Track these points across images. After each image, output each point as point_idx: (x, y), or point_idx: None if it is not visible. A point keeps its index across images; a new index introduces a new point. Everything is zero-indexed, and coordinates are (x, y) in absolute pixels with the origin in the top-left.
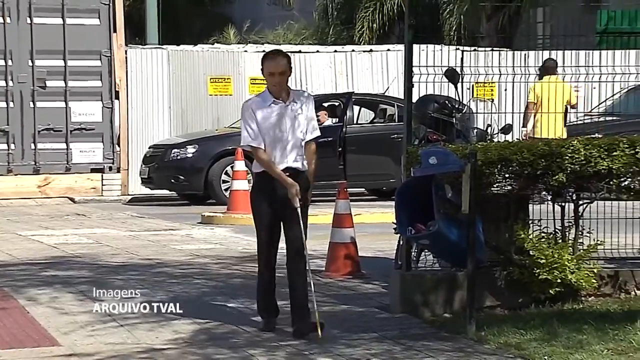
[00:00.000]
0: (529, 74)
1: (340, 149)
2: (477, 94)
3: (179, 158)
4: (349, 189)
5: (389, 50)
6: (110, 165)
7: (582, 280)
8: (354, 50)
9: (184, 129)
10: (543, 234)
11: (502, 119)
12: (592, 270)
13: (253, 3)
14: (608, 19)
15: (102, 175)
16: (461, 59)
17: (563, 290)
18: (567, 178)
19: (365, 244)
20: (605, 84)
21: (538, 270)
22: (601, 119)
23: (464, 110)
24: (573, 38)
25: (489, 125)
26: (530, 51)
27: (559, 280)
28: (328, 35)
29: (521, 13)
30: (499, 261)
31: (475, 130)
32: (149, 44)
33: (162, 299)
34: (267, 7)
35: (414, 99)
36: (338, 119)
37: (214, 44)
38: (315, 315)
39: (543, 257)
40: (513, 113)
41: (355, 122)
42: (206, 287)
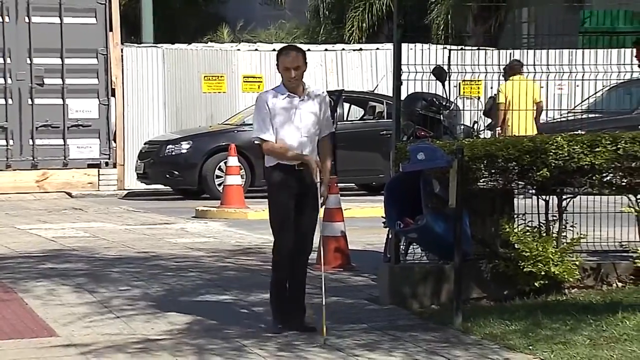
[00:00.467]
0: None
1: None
2: (464, 92)
3: (173, 154)
4: (339, 184)
5: (378, 49)
6: (107, 160)
7: (566, 273)
8: (344, 49)
9: (179, 125)
10: (528, 228)
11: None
12: (575, 263)
13: (246, 3)
14: (591, 18)
15: (99, 171)
16: (448, 57)
17: (547, 282)
18: (551, 173)
19: (355, 238)
20: (588, 82)
21: (523, 263)
22: (584, 116)
23: (451, 108)
24: (557, 37)
25: (476, 122)
26: (515, 50)
27: (543, 273)
28: (319, 34)
29: (506, 11)
30: (485, 254)
31: (462, 127)
32: (144, 43)
33: (157, 291)
34: (260, 7)
35: (403, 97)
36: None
37: (207, 43)
38: (323, 318)
39: (527, 250)
40: (499, 110)
41: (345, 119)
42: (200, 280)
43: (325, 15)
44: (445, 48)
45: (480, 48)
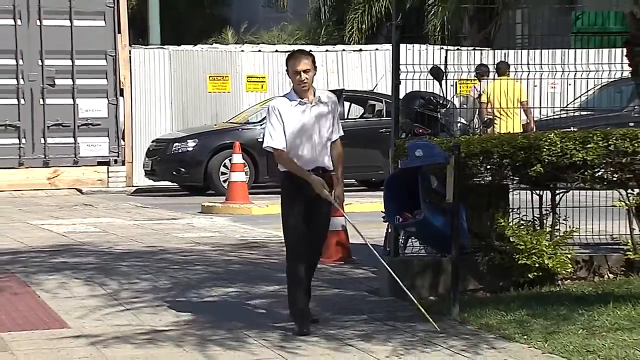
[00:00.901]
0: (510, 71)
1: None
2: (460, 91)
3: (180, 151)
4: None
5: (377, 49)
6: (116, 158)
7: (559, 265)
8: (344, 50)
9: (185, 124)
10: (522, 222)
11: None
12: (568, 255)
13: (249, 5)
14: (582, 19)
15: (108, 168)
16: (445, 57)
17: (541, 274)
18: (545, 169)
19: (355, 232)
20: (580, 81)
21: (517, 256)
22: (576, 113)
23: (448, 106)
24: (550, 38)
25: (472, 119)
26: (509, 50)
27: (537, 265)
28: (320, 35)
29: (501, 14)
30: (481, 247)
31: (459, 124)
32: (151, 44)
33: (165, 284)
34: (263, 10)
35: (401, 95)
36: None
37: (212, 44)
38: (423, 312)
39: (522, 243)
40: (494, 108)
41: (346, 117)
42: (206, 273)
43: (326, 17)
44: (442, 48)
45: (476, 48)
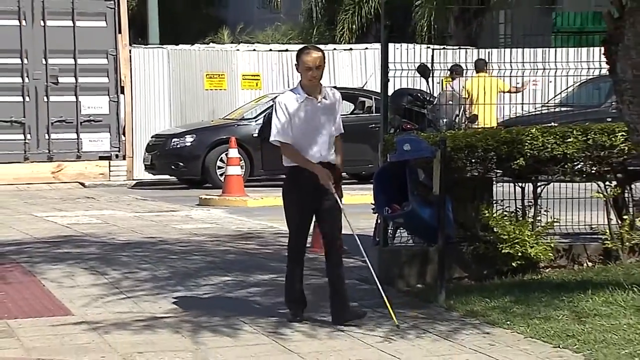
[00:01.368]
0: (492, 69)
1: None
2: (446, 88)
3: (178, 146)
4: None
5: (366, 48)
6: (117, 153)
7: (541, 254)
8: (335, 49)
9: (183, 120)
10: (505, 213)
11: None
12: (549, 244)
13: (245, 7)
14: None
15: (110, 162)
16: (431, 56)
17: (523, 262)
18: (527, 162)
19: (346, 222)
20: (560, 78)
21: (501, 245)
22: (557, 109)
23: (434, 102)
24: (531, 37)
25: (457, 115)
26: (493, 49)
27: (520, 254)
28: (312, 35)
29: (485, 14)
30: (466, 237)
31: (444, 120)
32: (150, 44)
33: (164, 273)
34: (257, 11)
35: (390, 92)
36: None
37: (209, 44)
38: (387, 305)
39: (505, 234)
40: (478, 104)
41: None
42: (203, 263)
43: (317, 17)
44: (429, 47)
45: (461, 47)
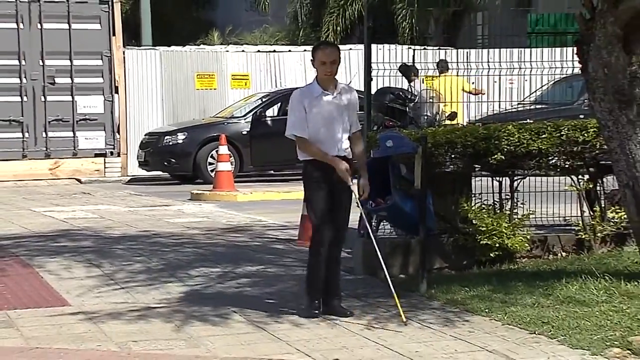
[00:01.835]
0: (471, 69)
1: None
2: (427, 87)
3: (170, 144)
4: None
5: (350, 49)
6: (112, 150)
7: (517, 245)
8: None
9: (175, 118)
10: (484, 206)
11: (448, 108)
12: (525, 236)
13: (233, 9)
14: (537, 21)
15: (105, 159)
16: (413, 56)
17: (501, 253)
18: (504, 157)
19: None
20: (535, 77)
21: (479, 237)
22: (532, 107)
23: (416, 101)
24: (508, 37)
25: (437, 112)
26: (471, 49)
27: (498, 245)
28: (298, 37)
29: (463, 16)
30: (447, 229)
31: (426, 117)
32: (143, 46)
33: (157, 265)
34: (246, 13)
35: (373, 91)
36: None
37: (200, 45)
38: (396, 302)
39: (484, 225)
40: (458, 102)
41: None
42: (195, 255)
43: (303, 20)
44: (410, 48)
45: (441, 48)
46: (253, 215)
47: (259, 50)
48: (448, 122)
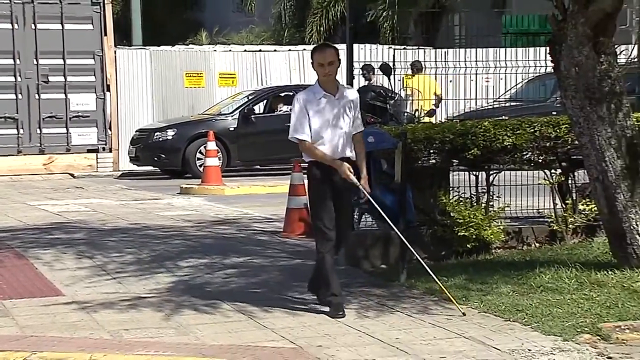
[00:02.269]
0: (448, 67)
1: None
2: (407, 85)
3: (160, 140)
4: (302, 164)
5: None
6: (104, 146)
7: (493, 236)
8: (305, 49)
9: (164, 115)
10: (461, 199)
11: (427, 105)
12: (501, 227)
13: (221, 11)
14: (511, 21)
15: (97, 155)
16: (393, 55)
17: (477, 244)
18: (480, 152)
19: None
20: (510, 75)
21: (457, 228)
22: (507, 104)
23: (396, 98)
24: (483, 38)
25: (417, 110)
26: (449, 49)
27: (474, 236)
28: (283, 37)
29: (441, 17)
30: (426, 221)
31: (405, 114)
32: (134, 45)
33: (148, 256)
34: (233, 14)
35: (355, 89)
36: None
37: (188, 45)
38: (446, 293)
39: (461, 218)
40: (429, 100)
41: None
42: (184, 246)
43: (287, 20)
44: (391, 48)
45: (420, 48)
46: (240, 208)
47: (245, 50)
48: (427, 119)
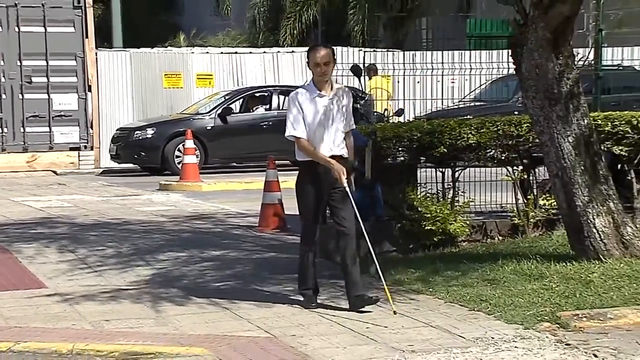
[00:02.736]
0: (416, 69)
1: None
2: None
3: (140, 138)
4: (276, 161)
5: (307, 51)
6: (85, 144)
7: (458, 230)
8: (279, 52)
9: (144, 114)
10: (428, 194)
11: (396, 105)
12: (466, 221)
13: (198, 14)
14: (475, 25)
15: (79, 153)
16: (363, 58)
17: (444, 237)
18: (447, 150)
19: (290, 204)
20: (474, 77)
21: (424, 223)
22: (472, 104)
23: (366, 98)
24: (449, 41)
25: (386, 109)
26: (417, 51)
27: (441, 230)
28: (258, 39)
29: (409, 21)
30: (395, 216)
31: (375, 114)
32: (114, 47)
33: (128, 250)
34: (210, 18)
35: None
36: (268, 107)
37: (167, 47)
38: (386, 291)
39: (428, 212)
40: (405, 100)
41: (281, 109)
42: (163, 241)
43: (260, 24)
44: (361, 50)
45: (389, 50)
46: (217, 204)
47: (222, 52)
48: (396, 118)
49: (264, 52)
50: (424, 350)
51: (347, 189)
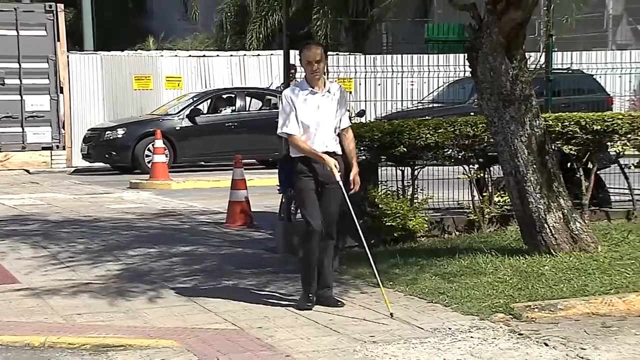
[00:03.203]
0: (377, 72)
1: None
2: None
3: (111, 138)
4: (243, 160)
5: (272, 54)
6: (57, 144)
7: (417, 226)
8: (245, 55)
9: (115, 115)
10: (389, 192)
11: (358, 106)
12: (425, 218)
13: (167, 18)
14: (433, 30)
15: (51, 152)
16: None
17: (403, 233)
18: (406, 149)
19: (256, 202)
20: (432, 79)
21: (385, 219)
22: (430, 105)
23: None
24: (408, 45)
25: (348, 110)
26: (377, 55)
27: (401, 226)
28: (225, 43)
29: (370, 26)
30: (356, 212)
31: None
32: (86, 50)
33: (98, 246)
34: (178, 22)
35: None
36: (235, 108)
37: (137, 50)
38: (382, 293)
39: (389, 209)
40: (366, 101)
41: (247, 110)
42: (132, 237)
43: (227, 28)
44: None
45: (351, 53)
46: (185, 201)
47: (190, 55)
48: (357, 119)
49: (231, 55)
50: (385, 341)
51: (341, 184)
